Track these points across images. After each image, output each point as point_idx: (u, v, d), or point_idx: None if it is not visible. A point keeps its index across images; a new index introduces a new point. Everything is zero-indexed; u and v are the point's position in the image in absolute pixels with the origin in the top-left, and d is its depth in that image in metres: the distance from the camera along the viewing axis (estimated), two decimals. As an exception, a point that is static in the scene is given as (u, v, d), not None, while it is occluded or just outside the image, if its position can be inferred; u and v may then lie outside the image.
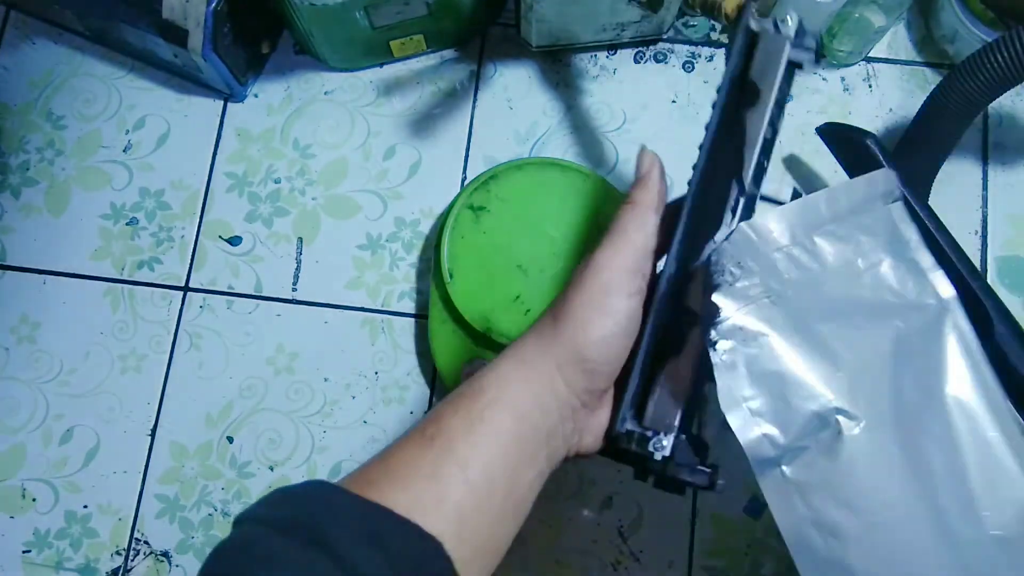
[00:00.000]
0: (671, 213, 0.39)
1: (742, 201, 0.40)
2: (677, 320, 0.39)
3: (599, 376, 0.36)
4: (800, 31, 0.43)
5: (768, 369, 0.34)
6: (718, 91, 0.42)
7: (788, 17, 0.42)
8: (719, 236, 0.39)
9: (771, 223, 0.37)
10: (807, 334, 0.35)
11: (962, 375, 0.37)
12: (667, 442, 0.36)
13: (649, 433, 0.37)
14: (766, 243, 0.37)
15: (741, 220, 0.40)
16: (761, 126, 0.41)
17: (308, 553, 0.27)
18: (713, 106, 0.43)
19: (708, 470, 0.36)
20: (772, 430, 0.34)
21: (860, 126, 0.57)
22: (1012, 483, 0.35)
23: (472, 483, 0.31)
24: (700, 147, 0.42)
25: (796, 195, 0.38)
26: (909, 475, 0.34)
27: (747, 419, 0.34)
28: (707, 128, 0.42)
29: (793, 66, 0.43)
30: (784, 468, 0.33)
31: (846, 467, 0.33)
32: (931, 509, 0.34)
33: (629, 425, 0.38)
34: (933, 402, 0.36)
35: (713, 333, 0.35)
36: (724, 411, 0.34)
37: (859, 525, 0.33)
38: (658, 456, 0.36)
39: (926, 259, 0.39)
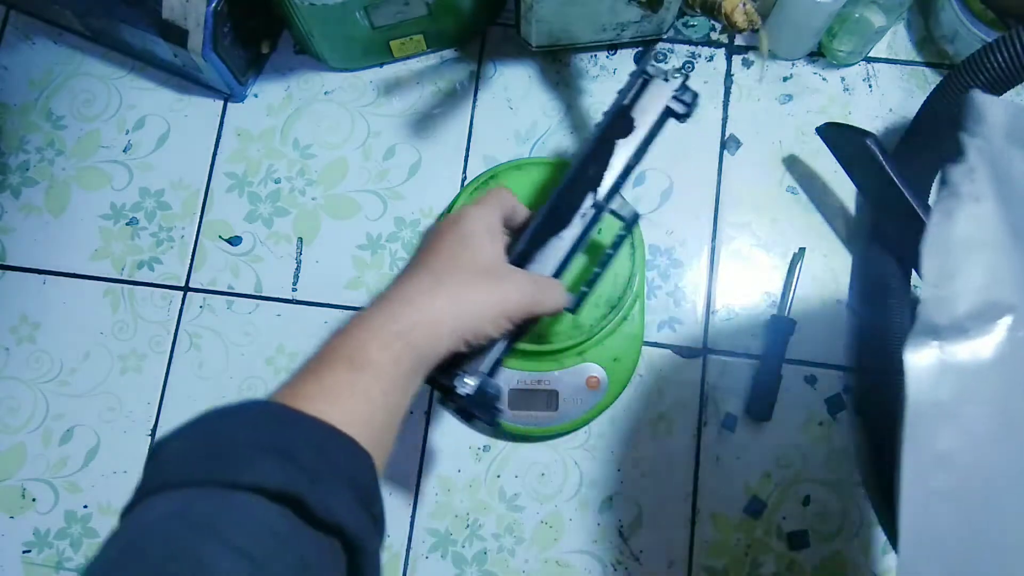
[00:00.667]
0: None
1: (592, 212, 0.49)
2: None
3: None
4: (684, 87, 0.49)
5: (975, 234, 0.31)
6: (604, 115, 0.49)
7: (680, 72, 0.50)
8: (566, 234, 0.49)
9: (994, 111, 0.33)
10: (1018, 218, 0.32)
11: None
12: (471, 381, 0.44)
13: (460, 372, 0.44)
14: (984, 129, 0.33)
15: (588, 227, 0.50)
16: (626, 156, 0.50)
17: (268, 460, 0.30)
18: (595, 126, 0.49)
19: (495, 411, 0.45)
20: (954, 295, 0.30)
21: (860, 126, 0.57)
22: None
23: (388, 406, 0.36)
24: (574, 156, 0.48)
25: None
26: None
27: (940, 273, 0.30)
28: (584, 142, 0.48)
29: (670, 114, 0.50)
30: (941, 344, 0.30)
31: (1001, 366, 0.30)
32: None
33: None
34: None
35: (951, 169, 0.32)
36: (924, 253, 0.31)
37: (984, 427, 0.30)
38: (461, 392, 0.43)
39: None
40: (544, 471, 0.59)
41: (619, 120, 0.50)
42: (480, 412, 0.44)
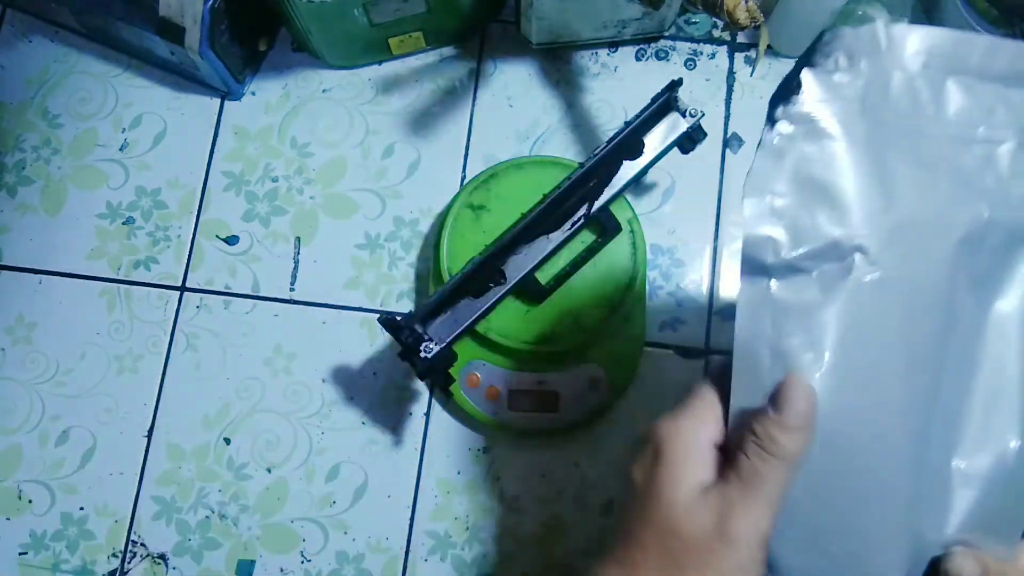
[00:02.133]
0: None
1: (582, 220, 0.54)
2: (488, 277, 0.53)
3: None
4: (697, 125, 0.53)
5: (814, 174, 0.30)
6: (616, 132, 0.52)
7: (698, 111, 0.53)
8: (554, 236, 0.53)
9: (910, 39, 0.31)
10: (876, 162, 0.30)
11: (1019, 298, 0.32)
12: (434, 347, 0.49)
13: (426, 337, 0.50)
14: (892, 56, 0.31)
15: (575, 234, 0.53)
16: (628, 176, 0.54)
17: None
18: (608, 141, 0.52)
19: (450, 380, 0.52)
20: (781, 236, 0.29)
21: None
22: (1005, 427, 0.31)
23: None
24: (580, 164, 0.52)
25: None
26: (901, 359, 0.30)
27: (763, 213, 0.29)
28: (593, 154, 0.52)
29: (679, 145, 0.54)
30: (772, 281, 0.30)
31: (837, 309, 0.29)
32: (905, 407, 0.30)
33: (416, 326, 0.50)
34: (972, 305, 0.32)
35: (780, 110, 0.30)
36: (745, 192, 0.30)
37: (816, 371, 0.29)
38: (423, 355, 0.49)
39: None
40: (544, 472, 0.58)
41: (631, 141, 0.53)
42: (436, 377, 0.50)
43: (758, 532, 0.29)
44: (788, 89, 0.31)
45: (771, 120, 0.30)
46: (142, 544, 0.59)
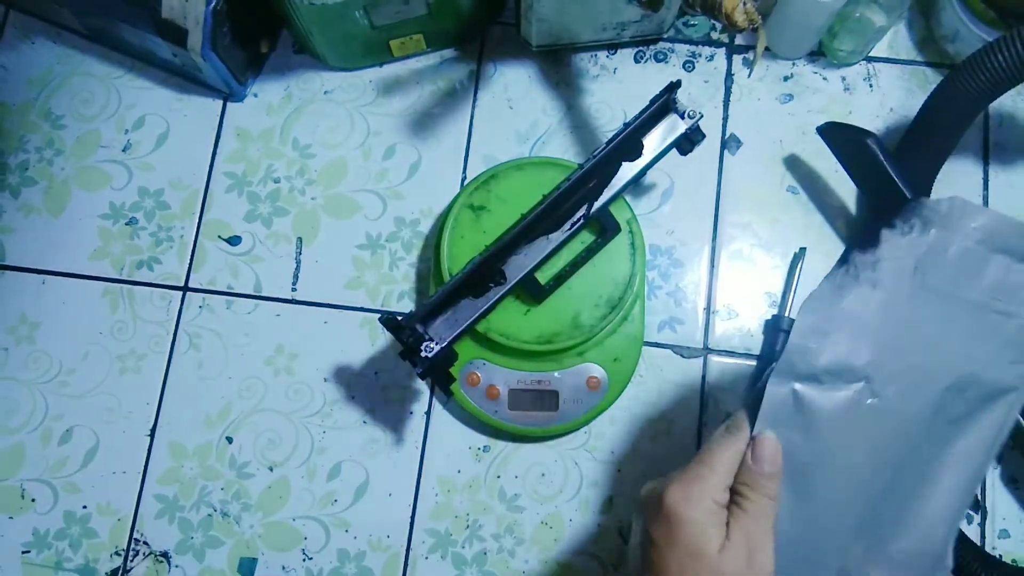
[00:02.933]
0: None
1: (582, 221, 0.54)
2: (489, 276, 0.53)
3: None
4: (696, 127, 0.53)
5: (856, 312, 0.36)
6: (615, 133, 0.52)
7: (697, 113, 0.53)
8: (554, 236, 0.54)
9: (976, 216, 0.37)
10: (907, 316, 0.37)
11: (976, 440, 0.40)
12: (434, 347, 0.49)
13: (426, 336, 0.50)
14: (957, 226, 0.37)
15: (574, 234, 0.54)
16: (627, 177, 0.54)
17: None
18: (605, 143, 0.52)
19: (450, 379, 0.52)
20: (816, 348, 0.35)
21: (861, 126, 0.57)
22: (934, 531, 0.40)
23: None
24: (580, 166, 0.52)
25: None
26: (869, 469, 0.38)
27: (810, 328, 0.35)
28: (593, 155, 0.52)
29: (677, 146, 0.54)
30: (796, 383, 0.36)
31: (836, 417, 0.36)
32: (855, 504, 0.38)
33: (418, 326, 0.50)
34: (940, 439, 0.39)
35: (855, 254, 0.37)
36: (802, 309, 0.36)
37: (805, 456, 0.37)
38: (424, 354, 0.49)
39: None
40: (544, 472, 0.58)
41: (630, 143, 0.53)
42: (437, 377, 0.50)
43: (772, 560, 0.35)
44: (867, 242, 0.37)
45: (842, 260, 0.38)
46: (145, 542, 0.59)
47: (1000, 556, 0.56)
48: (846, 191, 0.62)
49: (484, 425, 0.58)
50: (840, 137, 0.58)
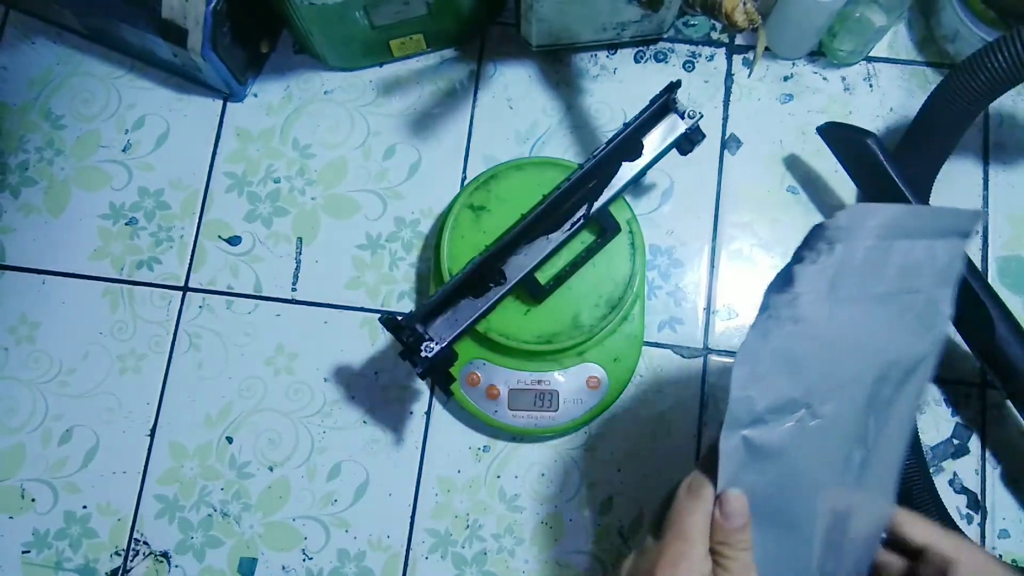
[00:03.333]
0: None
1: (582, 220, 0.54)
2: (489, 276, 0.53)
3: None
4: (696, 127, 0.53)
5: (785, 349, 0.38)
6: (615, 133, 0.52)
7: (697, 113, 0.53)
8: (554, 237, 0.54)
9: (871, 216, 0.38)
10: (829, 337, 0.39)
11: (899, 418, 0.44)
12: (434, 347, 0.49)
13: (426, 336, 0.50)
14: (859, 232, 0.38)
15: (574, 234, 0.54)
16: (627, 176, 0.54)
17: None
18: (605, 143, 0.52)
19: (450, 379, 0.52)
20: (756, 395, 0.37)
21: (861, 126, 0.57)
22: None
23: None
24: (580, 166, 0.52)
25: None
26: (824, 477, 0.40)
27: (747, 379, 0.37)
28: (593, 155, 0.52)
29: (677, 146, 0.54)
30: (746, 431, 0.38)
31: (785, 447, 0.39)
32: (812, 516, 0.41)
33: (418, 326, 0.50)
34: (875, 429, 0.42)
35: (772, 297, 0.38)
36: (736, 361, 0.37)
37: (769, 489, 0.39)
38: (424, 354, 0.49)
39: (946, 304, 0.43)
40: (544, 472, 0.58)
41: (630, 143, 0.53)
42: (437, 377, 0.50)
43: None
44: (782, 282, 0.38)
45: (764, 307, 0.38)
46: (145, 542, 0.59)
47: (1000, 556, 0.56)
48: (846, 191, 0.62)
49: (484, 425, 0.58)
50: (840, 137, 0.58)
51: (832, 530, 0.43)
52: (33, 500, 0.60)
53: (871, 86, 0.64)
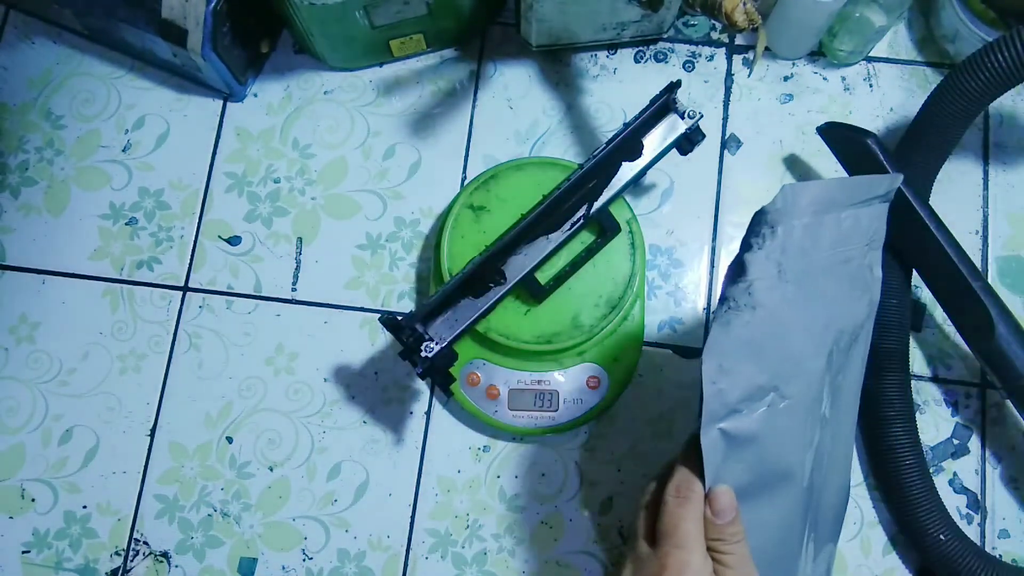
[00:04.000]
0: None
1: (582, 221, 0.54)
2: (489, 276, 0.53)
3: None
4: (696, 127, 0.53)
5: (747, 338, 0.39)
6: (615, 134, 0.52)
7: (697, 113, 0.53)
8: (554, 237, 0.54)
9: (802, 194, 0.39)
10: (787, 316, 0.40)
11: (851, 380, 0.46)
12: (434, 347, 0.50)
13: (426, 336, 0.50)
14: (794, 211, 0.39)
15: (574, 234, 0.54)
16: (627, 177, 0.54)
17: None
18: (604, 143, 0.52)
19: (450, 379, 0.52)
20: (727, 387, 0.38)
21: (860, 125, 0.57)
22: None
23: None
24: (580, 166, 0.52)
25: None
26: (796, 454, 0.42)
27: (716, 372, 0.38)
28: (593, 155, 0.52)
29: (677, 146, 0.54)
30: (723, 423, 0.39)
31: (760, 432, 0.40)
32: (793, 490, 0.42)
33: (418, 326, 0.50)
34: (829, 401, 0.45)
35: (729, 289, 0.39)
36: (704, 356, 0.38)
37: (747, 476, 0.40)
38: (424, 354, 0.49)
39: (877, 267, 0.45)
40: (544, 472, 0.58)
41: (630, 143, 0.53)
42: (437, 377, 0.50)
43: None
44: (736, 272, 0.39)
45: (722, 299, 0.39)
46: (145, 542, 0.59)
47: (1000, 556, 0.56)
48: (846, 191, 0.62)
49: (484, 425, 0.58)
50: (840, 137, 0.58)
51: (808, 502, 0.44)
52: (33, 500, 0.60)
53: (871, 86, 0.64)
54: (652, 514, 0.40)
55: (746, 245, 0.39)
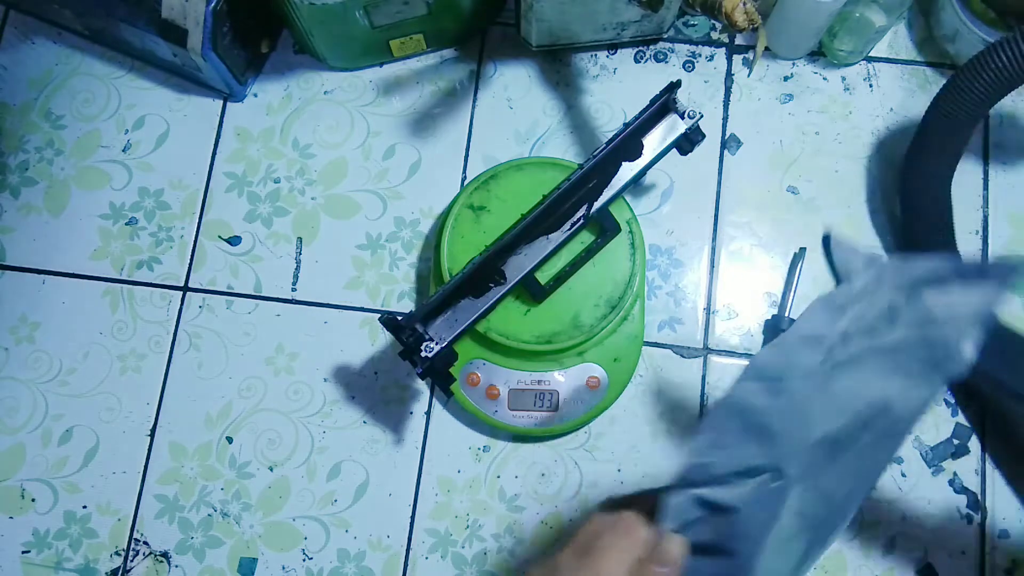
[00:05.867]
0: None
1: (582, 221, 0.54)
2: (488, 277, 0.53)
3: None
4: (696, 127, 0.53)
5: (761, 422, 0.37)
6: (615, 133, 0.52)
7: (697, 113, 0.52)
8: (554, 237, 0.54)
9: (905, 270, 0.38)
10: (815, 403, 0.37)
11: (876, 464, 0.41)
12: (434, 347, 0.49)
13: (426, 336, 0.50)
14: (885, 287, 0.37)
15: (574, 234, 0.54)
16: (627, 176, 0.54)
17: None
18: (605, 143, 0.52)
19: (450, 380, 0.51)
20: (720, 460, 0.37)
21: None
22: None
23: None
24: (580, 166, 0.52)
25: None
26: (792, 533, 0.39)
27: (710, 445, 0.37)
28: (593, 155, 0.52)
29: (677, 146, 0.54)
30: (698, 492, 0.37)
31: (743, 505, 0.37)
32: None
33: (418, 326, 0.50)
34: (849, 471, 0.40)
35: (748, 384, 0.37)
36: (701, 428, 0.37)
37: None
38: (424, 354, 0.49)
39: (968, 348, 0.40)
40: (544, 472, 0.58)
41: (630, 143, 0.53)
42: (437, 377, 0.50)
43: None
44: (771, 360, 0.37)
45: (746, 375, 0.37)
46: (145, 542, 0.59)
47: (1000, 556, 0.56)
48: (846, 191, 0.62)
49: (484, 425, 0.58)
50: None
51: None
52: (33, 500, 0.60)
53: (871, 86, 0.64)
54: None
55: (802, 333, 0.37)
